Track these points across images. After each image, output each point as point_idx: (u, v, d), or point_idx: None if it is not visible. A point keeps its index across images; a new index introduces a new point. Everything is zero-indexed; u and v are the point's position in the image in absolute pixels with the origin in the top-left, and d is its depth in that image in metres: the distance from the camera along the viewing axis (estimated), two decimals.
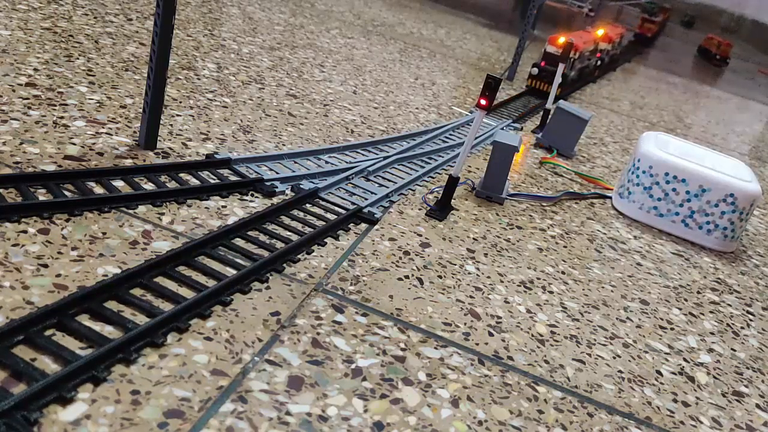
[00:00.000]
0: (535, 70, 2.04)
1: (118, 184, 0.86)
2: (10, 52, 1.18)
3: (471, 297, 0.84)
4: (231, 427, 0.55)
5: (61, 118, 1.00)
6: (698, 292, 1.06)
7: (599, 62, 2.86)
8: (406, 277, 0.84)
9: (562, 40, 2.02)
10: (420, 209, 1.04)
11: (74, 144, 0.93)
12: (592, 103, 2.44)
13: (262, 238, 0.83)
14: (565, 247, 1.07)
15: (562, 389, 0.72)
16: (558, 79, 1.68)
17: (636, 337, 0.87)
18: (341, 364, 0.65)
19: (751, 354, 0.92)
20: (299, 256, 0.81)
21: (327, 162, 1.12)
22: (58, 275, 0.66)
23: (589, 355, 0.79)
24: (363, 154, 1.20)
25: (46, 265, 0.67)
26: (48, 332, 0.59)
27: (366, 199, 1.01)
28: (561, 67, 1.66)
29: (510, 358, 0.74)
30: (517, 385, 0.70)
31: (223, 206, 0.89)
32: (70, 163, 0.88)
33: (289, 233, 0.85)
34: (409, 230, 0.97)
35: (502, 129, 1.62)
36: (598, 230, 1.19)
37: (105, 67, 1.26)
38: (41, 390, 0.52)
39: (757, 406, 0.80)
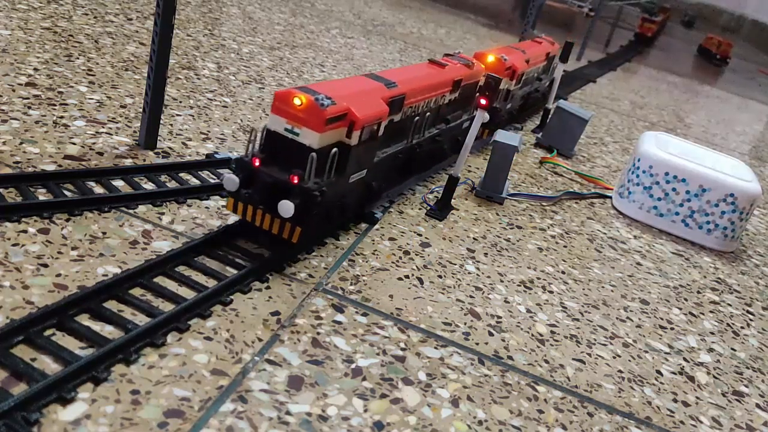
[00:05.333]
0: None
1: (118, 183, 0.86)
2: (10, 52, 1.18)
3: (471, 297, 0.84)
4: (231, 426, 0.55)
5: (61, 117, 1.00)
6: (698, 292, 1.06)
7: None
8: (406, 276, 0.84)
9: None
10: (420, 209, 1.04)
11: (74, 144, 0.93)
12: (592, 102, 2.44)
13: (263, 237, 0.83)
14: (565, 246, 1.07)
15: (562, 389, 0.72)
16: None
17: (636, 336, 0.87)
18: (341, 364, 0.65)
19: (751, 354, 0.92)
20: (299, 256, 0.81)
21: None
22: (58, 275, 0.66)
23: (589, 354, 0.79)
24: None
25: (46, 265, 0.67)
26: (48, 332, 0.59)
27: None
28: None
29: (510, 357, 0.74)
30: (517, 385, 0.70)
31: (223, 206, 0.89)
32: (70, 163, 0.88)
33: None
34: (409, 230, 0.97)
35: (502, 128, 1.62)
36: (598, 230, 1.19)
37: (105, 67, 1.26)
38: (41, 391, 0.52)
39: (757, 405, 0.80)
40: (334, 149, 0.76)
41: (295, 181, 0.73)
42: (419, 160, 1.04)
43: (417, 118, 0.98)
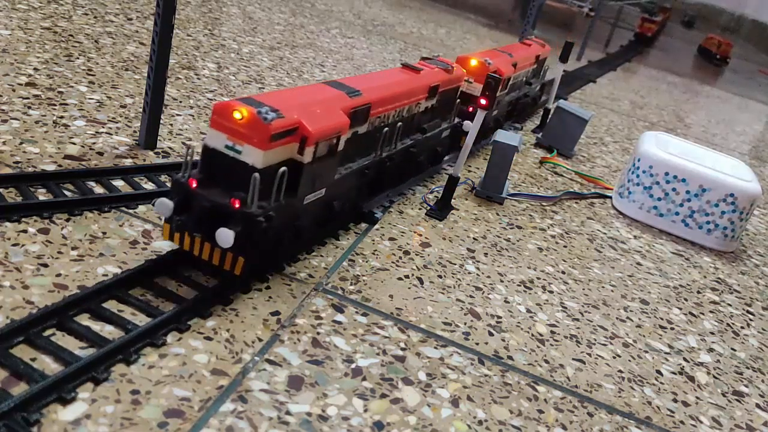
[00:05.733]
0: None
1: (118, 183, 0.86)
2: (10, 52, 1.18)
3: (471, 297, 0.84)
4: (231, 426, 0.55)
5: (61, 117, 1.00)
6: (698, 292, 1.06)
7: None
8: (406, 276, 0.84)
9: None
10: (420, 209, 1.04)
11: (74, 143, 0.93)
12: (592, 102, 2.44)
13: None
14: (565, 246, 1.07)
15: (562, 389, 0.72)
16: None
17: (636, 336, 0.87)
18: (341, 364, 0.65)
19: (751, 354, 0.92)
20: (299, 256, 0.81)
21: None
22: (58, 275, 0.66)
23: (589, 354, 0.79)
24: None
25: (46, 265, 0.67)
26: (48, 332, 0.59)
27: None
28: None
29: (510, 357, 0.74)
30: (517, 385, 0.70)
31: None
32: (70, 163, 0.88)
33: None
34: (409, 230, 0.97)
35: (502, 128, 1.62)
36: (598, 230, 1.19)
37: (105, 67, 1.26)
38: (41, 391, 0.52)
39: (757, 405, 0.80)
40: (283, 168, 0.67)
41: (237, 206, 0.65)
42: (391, 174, 0.97)
43: (386, 128, 0.90)
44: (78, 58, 1.26)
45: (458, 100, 1.15)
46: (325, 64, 1.80)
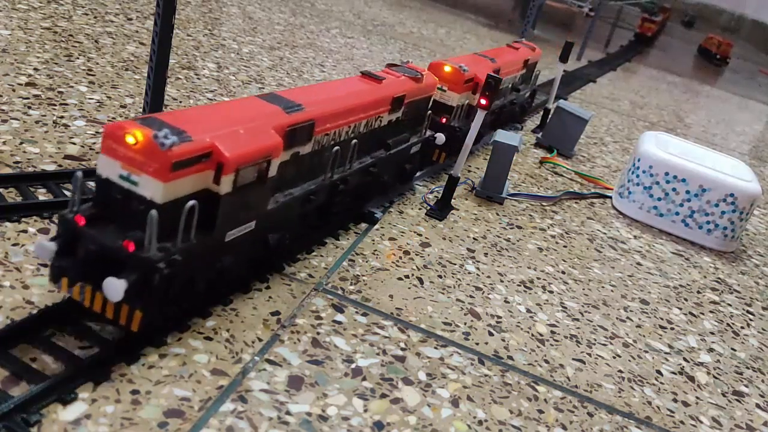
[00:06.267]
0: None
1: None
2: (10, 52, 1.18)
3: (471, 297, 0.84)
4: (231, 426, 0.55)
5: (61, 117, 1.00)
6: (698, 292, 1.06)
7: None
8: (406, 276, 0.84)
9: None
10: (420, 209, 1.04)
11: (74, 143, 0.93)
12: (592, 102, 2.44)
13: None
14: (565, 246, 1.07)
15: (562, 389, 0.72)
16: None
17: (636, 336, 0.87)
18: (341, 364, 0.65)
19: (751, 354, 0.92)
20: (299, 256, 0.81)
21: None
22: None
23: (589, 354, 0.79)
24: None
25: (46, 265, 0.67)
26: (48, 332, 0.59)
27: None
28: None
29: (510, 357, 0.74)
30: (517, 385, 0.70)
31: None
32: (70, 163, 0.88)
33: None
34: (409, 230, 0.97)
35: (502, 128, 1.62)
36: (598, 230, 1.19)
37: (105, 67, 1.26)
38: (41, 391, 0.51)
39: (757, 405, 0.80)
40: (191, 202, 0.57)
41: (131, 249, 0.54)
42: (345, 197, 0.85)
43: (338, 147, 0.79)
44: (78, 58, 1.26)
45: (429, 112, 1.04)
46: (325, 64, 1.80)
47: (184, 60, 1.45)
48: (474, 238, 1.00)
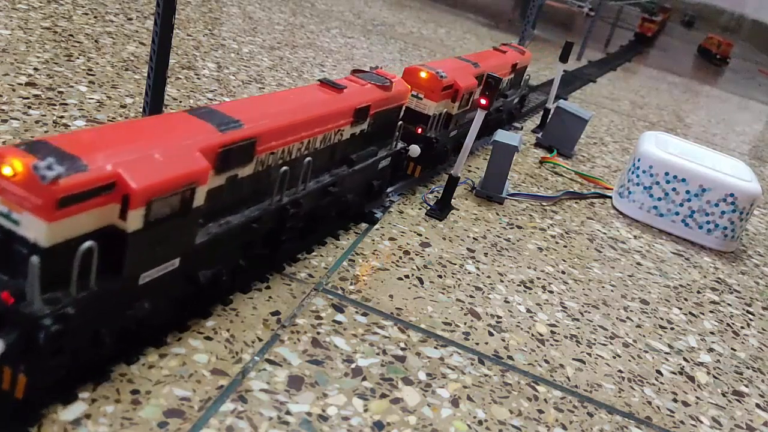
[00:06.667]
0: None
1: None
2: (10, 52, 1.18)
3: (471, 297, 0.84)
4: (231, 426, 0.55)
5: (61, 117, 1.00)
6: (698, 292, 1.06)
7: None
8: (406, 276, 0.84)
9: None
10: (420, 209, 1.04)
11: None
12: (592, 102, 2.44)
13: None
14: (565, 246, 1.07)
15: (562, 389, 0.72)
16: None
17: (636, 336, 0.87)
18: (341, 364, 0.65)
19: (751, 354, 0.92)
20: (299, 256, 0.81)
21: None
22: None
23: (589, 354, 0.79)
24: None
25: None
26: None
27: None
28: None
29: (510, 357, 0.74)
30: (517, 385, 0.70)
31: None
32: None
33: None
34: (409, 230, 0.97)
35: (502, 128, 1.62)
36: (598, 230, 1.19)
37: (105, 67, 1.26)
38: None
39: (757, 405, 0.80)
40: (87, 243, 0.48)
41: (10, 302, 0.46)
42: (297, 222, 0.74)
43: (285, 167, 0.69)
44: (78, 58, 1.26)
45: (400, 122, 0.95)
46: (325, 64, 1.80)
47: (184, 60, 1.45)
48: (474, 238, 1.00)
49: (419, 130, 1.06)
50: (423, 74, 1.05)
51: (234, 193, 0.64)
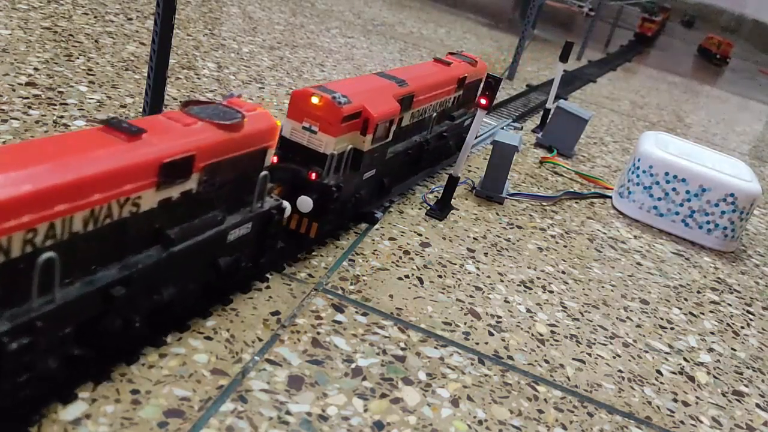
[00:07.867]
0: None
1: None
2: (10, 52, 1.18)
3: (471, 296, 0.84)
4: (231, 426, 0.55)
5: (61, 117, 1.00)
6: (698, 292, 1.06)
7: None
8: (406, 276, 0.84)
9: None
10: (420, 209, 1.04)
11: None
12: (593, 102, 2.44)
13: None
14: (565, 246, 1.07)
15: (562, 389, 0.72)
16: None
17: (636, 336, 0.87)
18: (341, 364, 0.65)
19: (751, 354, 0.92)
20: (299, 255, 0.81)
21: None
22: None
23: (589, 354, 0.79)
24: None
25: None
26: None
27: None
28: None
29: (510, 357, 0.74)
30: (517, 385, 0.70)
31: None
32: None
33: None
34: (409, 230, 0.97)
35: (503, 128, 1.62)
36: (598, 230, 1.19)
37: (105, 67, 1.26)
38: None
39: (757, 405, 0.80)
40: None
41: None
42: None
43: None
44: (78, 58, 1.26)
45: (265, 173, 0.67)
46: (325, 64, 1.80)
47: (184, 60, 1.45)
48: (474, 238, 1.00)
49: (314, 176, 0.79)
50: (315, 99, 0.78)
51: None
